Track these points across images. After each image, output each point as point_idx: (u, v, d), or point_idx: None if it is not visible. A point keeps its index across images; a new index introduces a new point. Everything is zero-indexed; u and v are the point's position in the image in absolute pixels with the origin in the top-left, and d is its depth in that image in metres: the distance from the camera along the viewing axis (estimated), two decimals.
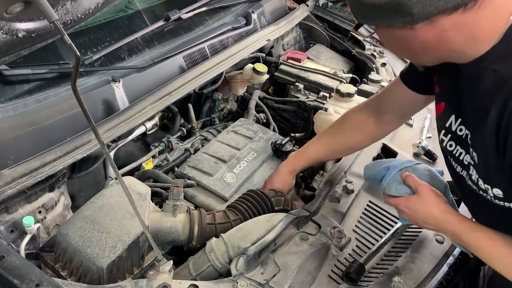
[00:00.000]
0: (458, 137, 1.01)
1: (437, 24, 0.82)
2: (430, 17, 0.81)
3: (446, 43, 0.86)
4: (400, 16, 0.82)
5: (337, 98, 1.85)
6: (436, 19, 0.81)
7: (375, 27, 0.94)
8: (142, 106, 1.49)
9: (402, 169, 1.17)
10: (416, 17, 0.81)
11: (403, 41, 0.90)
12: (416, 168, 1.19)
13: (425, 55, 0.93)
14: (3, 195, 1.10)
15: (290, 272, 1.12)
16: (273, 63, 2.21)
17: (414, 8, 0.80)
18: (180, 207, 1.26)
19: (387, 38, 0.96)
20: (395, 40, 0.93)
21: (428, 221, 1.07)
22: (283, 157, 1.66)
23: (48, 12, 0.79)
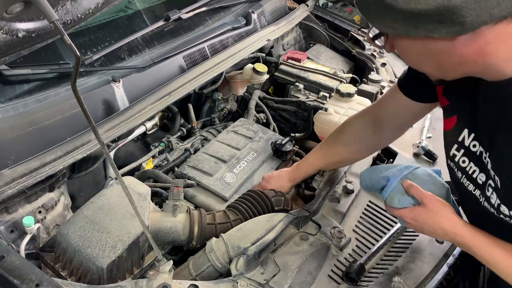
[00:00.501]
0: (471, 153, 0.95)
1: (481, 35, 0.74)
2: (481, 27, 0.72)
3: (485, 57, 0.78)
4: (447, 25, 0.72)
5: (337, 98, 1.85)
6: (481, 30, 0.73)
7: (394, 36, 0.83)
8: (142, 106, 1.49)
9: (402, 177, 1.11)
10: (467, 27, 0.72)
11: (437, 54, 0.80)
12: (416, 174, 1.12)
13: (455, 70, 0.84)
14: (3, 195, 1.10)
15: (290, 272, 1.12)
16: (273, 63, 2.21)
17: (468, 16, 0.70)
18: (180, 207, 1.26)
19: (409, 50, 0.85)
20: (426, 53, 0.82)
21: (437, 232, 1.03)
22: (283, 157, 1.66)
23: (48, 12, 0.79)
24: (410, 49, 0.85)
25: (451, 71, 0.85)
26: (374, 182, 1.17)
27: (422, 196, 1.05)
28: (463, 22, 0.71)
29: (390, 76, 2.09)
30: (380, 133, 1.29)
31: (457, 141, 0.99)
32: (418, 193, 1.05)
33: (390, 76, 2.09)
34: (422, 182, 1.09)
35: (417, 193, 1.06)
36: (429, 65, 0.88)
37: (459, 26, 0.72)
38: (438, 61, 0.83)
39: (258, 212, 1.30)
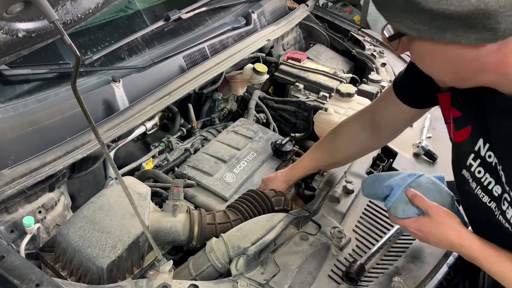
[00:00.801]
0: (487, 163, 0.91)
1: (507, 45, 0.71)
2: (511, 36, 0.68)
3: (506, 67, 0.74)
4: (477, 31, 0.67)
5: (337, 98, 1.85)
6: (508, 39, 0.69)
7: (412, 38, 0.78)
8: (142, 106, 1.49)
9: (406, 186, 1.07)
10: (499, 35, 0.67)
11: (458, 62, 0.75)
12: (420, 183, 1.09)
13: (471, 79, 0.80)
14: (3, 195, 1.10)
15: (290, 272, 1.12)
16: (273, 63, 2.21)
17: (502, 22, 0.65)
18: (180, 207, 1.26)
19: (427, 54, 0.80)
20: (446, 59, 0.77)
21: (443, 243, 1.00)
22: (283, 157, 1.66)
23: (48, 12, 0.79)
24: (429, 54, 0.79)
25: (467, 79, 0.81)
26: (377, 191, 1.14)
27: (427, 206, 1.02)
28: (496, 29, 0.67)
29: (390, 76, 2.09)
30: (377, 134, 1.28)
31: (473, 151, 0.94)
32: (423, 203, 1.02)
33: (390, 76, 2.09)
34: (426, 190, 1.07)
35: (421, 203, 1.03)
36: (446, 73, 0.82)
37: (491, 33, 0.68)
38: (457, 68, 0.78)
39: (258, 212, 1.30)
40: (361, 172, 1.52)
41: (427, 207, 1.02)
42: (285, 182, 1.44)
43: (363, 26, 2.53)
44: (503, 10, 0.65)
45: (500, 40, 0.69)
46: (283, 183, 1.44)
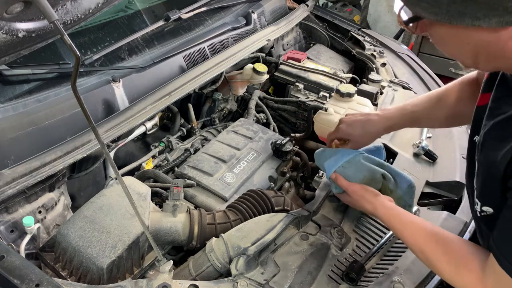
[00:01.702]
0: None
1: None
2: None
3: None
4: (498, 13, 0.66)
5: (337, 98, 1.85)
6: None
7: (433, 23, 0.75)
8: (142, 106, 1.49)
9: (338, 167, 1.24)
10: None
11: (477, 45, 0.74)
12: (352, 162, 1.24)
13: (490, 63, 0.79)
14: (3, 195, 1.10)
15: (290, 272, 1.12)
16: (273, 63, 2.21)
17: None
18: (180, 207, 1.26)
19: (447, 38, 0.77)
20: (466, 43, 0.75)
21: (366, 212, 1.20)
22: (283, 157, 1.66)
23: (48, 12, 0.79)
24: (447, 38, 0.77)
25: (486, 63, 0.79)
26: (321, 166, 1.32)
27: (346, 187, 1.21)
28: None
29: (390, 76, 2.09)
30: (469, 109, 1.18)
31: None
32: (342, 184, 1.22)
33: (390, 76, 2.09)
34: (356, 169, 1.24)
35: (342, 185, 1.22)
36: (466, 56, 0.80)
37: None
38: (477, 52, 0.76)
39: (258, 212, 1.30)
40: None
41: (345, 187, 1.21)
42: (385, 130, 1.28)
43: (363, 26, 2.53)
44: None
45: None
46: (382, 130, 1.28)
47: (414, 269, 1.19)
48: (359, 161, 1.24)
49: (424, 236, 0.97)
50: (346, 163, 1.23)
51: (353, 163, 1.24)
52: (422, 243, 0.97)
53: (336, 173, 1.22)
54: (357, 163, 1.24)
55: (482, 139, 0.86)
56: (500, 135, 0.80)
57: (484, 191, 0.86)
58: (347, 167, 1.23)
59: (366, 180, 1.23)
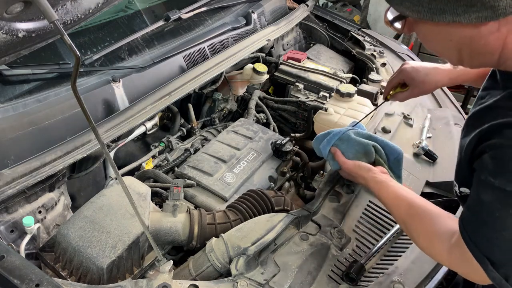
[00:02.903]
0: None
1: (506, 24, 0.71)
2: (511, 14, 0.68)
3: (504, 48, 0.75)
4: (476, 9, 0.68)
5: (337, 98, 1.85)
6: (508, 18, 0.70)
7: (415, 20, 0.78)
8: (142, 106, 1.49)
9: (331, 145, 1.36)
10: (499, 12, 0.68)
11: (460, 41, 0.76)
12: (343, 139, 1.35)
13: (473, 59, 0.81)
14: (3, 195, 1.10)
15: (290, 272, 1.12)
16: (273, 63, 2.21)
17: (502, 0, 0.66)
18: (180, 207, 1.26)
19: (431, 35, 0.80)
20: (449, 39, 0.77)
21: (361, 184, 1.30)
22: (283, 157, 1.66)
23: (48, 12, 0.79)
24: (431, 35, 0.80)
25: (470, 59, 0.81)
26: (317, 151, 1.43)
27: (341, 163, 1.33)
28: (496, 6, 0.67)
29: (390, 75, 2.09)
30: None
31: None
32: (339, 160, 1.33)
33: (390, 75, 2.09)
34: (348, 144, 1.35)
35: (339, 160, 1.33)
36: (450, 53, 0.83)
37: (490, 11, 0.68)
38: (460, 48, 0.78)
39: (258, 212, 1.30)
40: None
41: (341, 164, 1.33)
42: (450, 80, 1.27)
43: (363, 26, 2.53)
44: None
45: (501, 17, 0.69)
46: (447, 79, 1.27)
47: (414, 269, 1.19)
48: (349, 136, 1.35)
49: (406, 209, 1.03)
50: (338, 141, 1.36)
51: (344, 140, 1.35)
52: (404, 215, 1.03)
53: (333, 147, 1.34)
54: (348, 139, 1.35)
55: (464, 125, 0.92)
56: (474, 123, 0.84)
57: (459, 173, 0.94)
58: (339, 145, 1.35)
59: (359, 154, 1.33)
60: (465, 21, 0.70)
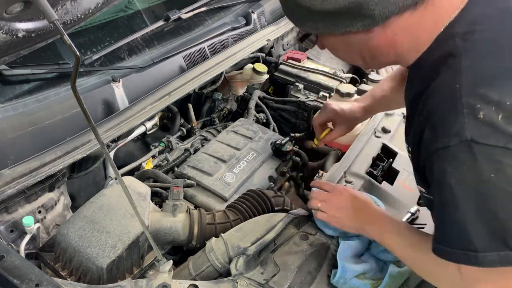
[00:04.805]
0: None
1: (389, 27, 0.82)
2: (390, 18, 0.79)
3: (395, 48, 0.86)
4: (359, 19, 0.80)
5: (337, 98, 1.85)
6: (390, 21, 0.80)
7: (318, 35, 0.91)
8: (142, 106, 1.49)
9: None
10: (377, 19, 0.79)
11: (358, 47, 0.88)
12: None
13: (374, 60, 0.93)
14: (3, 195, 1.10)
15: (289, 272, 1.12)
16: (273, 63, 2.21)
17: (376, 8, 0.77)
18: (180, 207, 1.26)
19: (336, 46, 0.94)
20: (349, 47, 0.90)
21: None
22: (283, 157, 1.66)
23: (48, 12, 0.79)
24: (336, 45, 0.93)
25: (373, 62, 0.94)
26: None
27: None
28: (372, 15, 0.78)
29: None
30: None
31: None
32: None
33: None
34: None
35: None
36: (353, 58, 0.95)
37: (370, 19, 0.79)
38: (362, 53, 0.90)
39: (258, 212, 1.30)
40: (361, 172, 1.51)
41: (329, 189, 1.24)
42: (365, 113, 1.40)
43: None
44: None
45: (381, 23, 0.80)
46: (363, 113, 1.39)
47: None
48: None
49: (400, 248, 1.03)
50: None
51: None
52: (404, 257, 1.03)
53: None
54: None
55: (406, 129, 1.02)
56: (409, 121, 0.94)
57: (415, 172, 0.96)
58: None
59: None
60: (354, 29, 0.82)
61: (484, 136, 0.73)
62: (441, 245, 0.82)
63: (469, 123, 0.74)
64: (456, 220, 0.77)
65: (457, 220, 0.77)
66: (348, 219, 1.13)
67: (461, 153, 0.74)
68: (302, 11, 0.84)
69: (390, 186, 1.50)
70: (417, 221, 1.36)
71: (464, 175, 0.75)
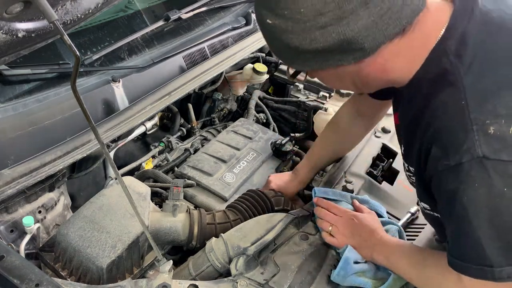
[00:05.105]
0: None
1: (379, 55, 0.82)
2: (380, 47, 0.80)
3: (387, 73, 0.88)
4: (350, 53, 0.81)
5: (337, 98, 1.85)
6: (380, 50, 0.81)
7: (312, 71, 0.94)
8: (142, 106, 1.49)
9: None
10: (368, 51, 0.80)
11: (350, 77, 0.90)
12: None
13: (367, 86, 0.95)
14: (3, 195, 1.10)
15: (289, 272, 1.12)
16: (273, 63, 2.21)
17: (365, 42, 0.78)
18: (180, 207, 1.26)
19: (327, 78, 0.96)
20: (341, 78, 0.92)
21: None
22: (283, 157, 1.66)
23: (48, 12, 0.79)
24: (327, 77, 0.96)
25: (365, 87, 0.96)
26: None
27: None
28: (363, 48, 0.79)
29: None
30: (365, 119, 1.41)
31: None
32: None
33: None
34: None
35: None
36: (347, 86, 0.98)
37: (361, 52, 0.80)
38: (354, 81, 0.92)
39: (258, 212, 1.30)
40: (361, 172, 1.52)
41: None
42: (299, 183, 1.47)
43: None
44: (359, 34, 0.77)
45: (372, 54, 0.81)
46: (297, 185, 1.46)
47: None
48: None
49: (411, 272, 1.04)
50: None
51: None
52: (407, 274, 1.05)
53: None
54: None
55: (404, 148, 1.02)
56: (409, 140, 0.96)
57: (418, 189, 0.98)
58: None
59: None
60: (346, 63, 0.83)
61: (495, 152, 0.73)
62: (457, 259, 0.83)
63: (479, 139, 0.74)
64: (471, 236, 0.78)
65: (471, 236, 0.78)
66: (359, 248, 1.14)
67: (473, 171, 0.74)
68: (291, 52, 0.83)
69: (390, 186, 1.50)
70: (417, 221, 1.37)
71: (477, 192, 0.75)
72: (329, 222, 1.21)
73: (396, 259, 1.07)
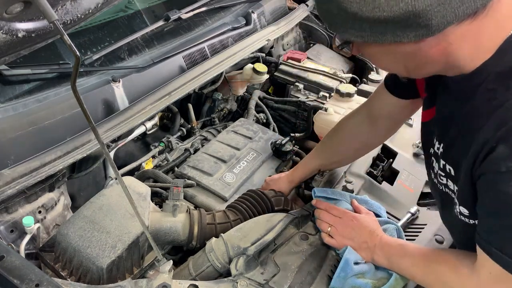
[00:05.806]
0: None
1: (444, 37, 0.75)
2: (447, 27, 0.72)
3: (448, 57, 0.79)
4: (413, 29, 0.72)
5: (337, 98, 1.85)
6: (446, 31, 0.73)
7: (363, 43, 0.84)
8: (142, 106, 1.49)
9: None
10: (434, 29, 0.72)
11: (404, 57, 0.82)
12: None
13: (421, 70, 0.86)
14: (3, 195, 1.10)
15: (289, 272, 1.11)
16: (273, 63, 2.21)
17: (434, 18, 0.70)
18: (180, 207, 1.26)
19: (378, 55, 0.87)
20: (393, 57, 0.83)
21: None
22: (283, 157, 1.66)
23: (48, 12, 0.79)
24: (378, 54, 0.87)
25: (417, 71, 0.87)
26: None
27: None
28: (429, 25, 0.71)
29: None
30: (375, 130, 1.31)
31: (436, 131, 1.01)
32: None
33: None
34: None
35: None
36: (397, 67, 0.89)
37: (425, 29, 0.72)
38: (405, 63, 0.84)
39: (258, 212, 1.30)
40: (361, 172, 1.52)
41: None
42: (289, 182, 1.45)
43: None
44: (430, 7, 0.69)
45: (436, 33, 0.73)
46: (287, 183, 1.44)
47: None
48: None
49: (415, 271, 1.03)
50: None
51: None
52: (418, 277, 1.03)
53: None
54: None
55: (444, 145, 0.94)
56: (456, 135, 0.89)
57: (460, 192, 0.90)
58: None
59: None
60: (405, 40, 0.74)
61: None
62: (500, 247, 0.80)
63: None
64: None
65: None
66: (358, 249, 1.14)
67: None
68: (346, 17, 0.75)
69: (390, 186, 1.50)
70: (417, 221, 1.37)
71: None
72: (328, 223, 1.20)
73: (397, 259, 1.07)
